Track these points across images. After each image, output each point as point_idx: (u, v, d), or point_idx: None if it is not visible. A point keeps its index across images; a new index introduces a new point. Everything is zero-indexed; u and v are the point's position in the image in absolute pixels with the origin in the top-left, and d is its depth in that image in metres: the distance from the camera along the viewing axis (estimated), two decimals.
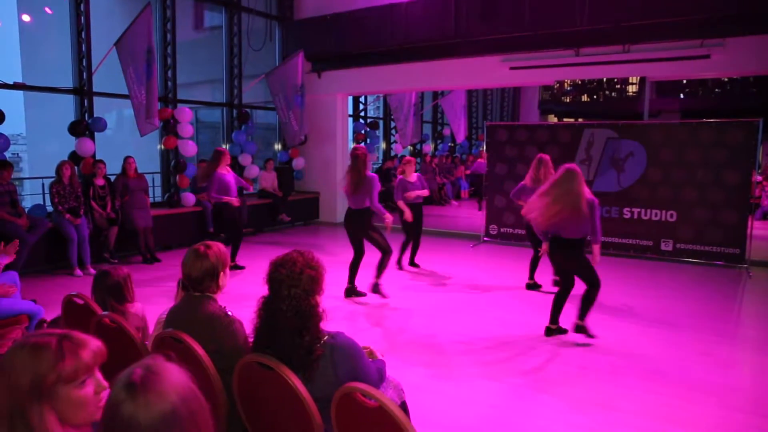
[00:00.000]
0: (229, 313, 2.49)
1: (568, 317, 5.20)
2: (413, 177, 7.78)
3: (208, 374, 2.23)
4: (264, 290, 2.24)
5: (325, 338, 2.17)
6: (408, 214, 7.23)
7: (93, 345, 1.42)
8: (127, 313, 3.07)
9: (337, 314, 5.76)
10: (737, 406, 3.89)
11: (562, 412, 3.76)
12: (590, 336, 4.99)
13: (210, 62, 11.88)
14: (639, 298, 6.53)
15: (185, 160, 9.88)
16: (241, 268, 7.64)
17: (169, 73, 9.91)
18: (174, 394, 1.18)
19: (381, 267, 6.32)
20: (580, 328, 5.01)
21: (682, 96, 22.30)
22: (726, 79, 20.73)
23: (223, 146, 10.67)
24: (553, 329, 5.22)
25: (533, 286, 6.92)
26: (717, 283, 7.31)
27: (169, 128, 9.64)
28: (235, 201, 7.66)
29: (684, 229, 8.44)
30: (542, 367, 4.55)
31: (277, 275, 2.17)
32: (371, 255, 6.46)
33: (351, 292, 6.46)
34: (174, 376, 1.22)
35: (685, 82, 21.77)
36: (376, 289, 6.34)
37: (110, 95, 9.23)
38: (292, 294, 2.13)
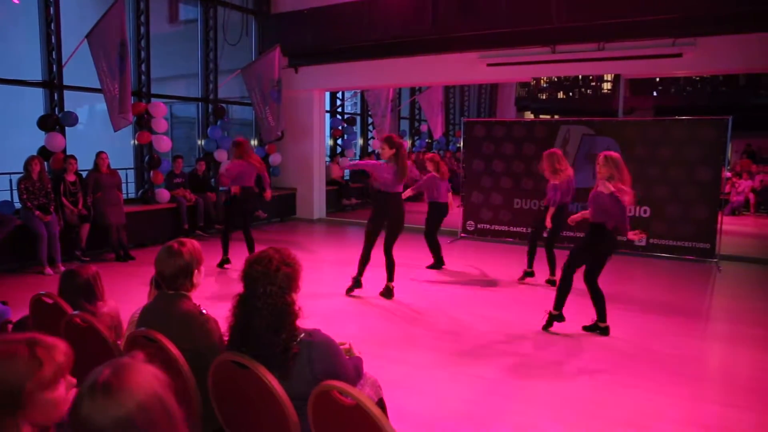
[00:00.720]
0: (204, 311, 2.45)
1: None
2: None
3: (183, 374, 2.20)
4: (239, 287, 2.21)
5: (302, 336, 2.15)
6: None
7: (62, 345, 1.39)
8: (99, 312, 3.01)
9: (315, 310, 5.72)
10: (709, 397, 3.97)
11: (541, 406, 3.79)
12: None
13: (185, 56, 11.70)
14: (613, 292, 6.61)
15: (159, 156, 9.72)
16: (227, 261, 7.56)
17: (143, 66, 9.73)
18: (133, 401, 1.16)
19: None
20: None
21: (655, 94, 22.68)
22: (697, 78, 21.12)
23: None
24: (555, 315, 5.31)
25: (530, 274, 7.13)
26: (688, 277, 7.46)
27: (143, 123, 9.47)
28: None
29: (657, 224, 8.58)
30: (519, 362, 4.58)
31: (253, 273, 2.13)
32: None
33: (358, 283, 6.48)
34: (141, 381, 1.19)
35: (658, 80, 22.13)
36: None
37: (82, 89, 9.03)
38: (267, 292, 2.10)
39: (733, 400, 3.94)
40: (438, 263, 7.91)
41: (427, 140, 18.29)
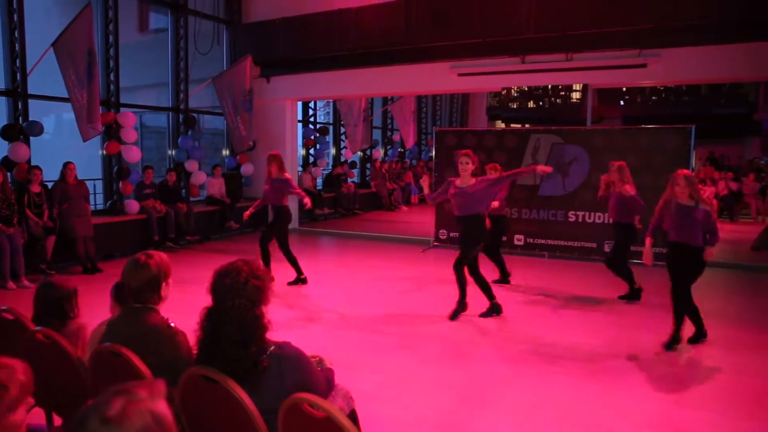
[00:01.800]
0: (172, 324, 2.40)
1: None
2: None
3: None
4: (208, 300, 2.18)
5: (272, 349, 2.12)
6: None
7: (20, 365, 1.35)
8: (68, 329, 2.92)
9: (287, 322, 5.68)
10: (679, 400, 4.04)
11: (515, 412, 3.81)
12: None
13: (155, 65, 11.57)
14: (584, 298, 6.71)
15: (129, 166, 9.57)
16: (304, 281, 7.22)
17: (112, 76, 9.60)
18: None
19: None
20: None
21: (622, 103, 23.21)
22: (662, 88, 21.68)
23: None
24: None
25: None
26: (656, 281, 7.57)
27: (112, 133, 9.32)
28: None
29: None
30: (492, 369, 4.61)
31: (221, 285, 2.10)
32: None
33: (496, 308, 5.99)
34: (148, 420, 1.11)
35: (624, 89, 22.66)
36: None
37: (47, 98, 8.86)
38: (236, 305, 2.07)
39: (704, 403, 4.01)
40: (504, 277, 7.47)
41: (399, 149, 18.37)
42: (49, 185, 8.08)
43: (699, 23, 8.15)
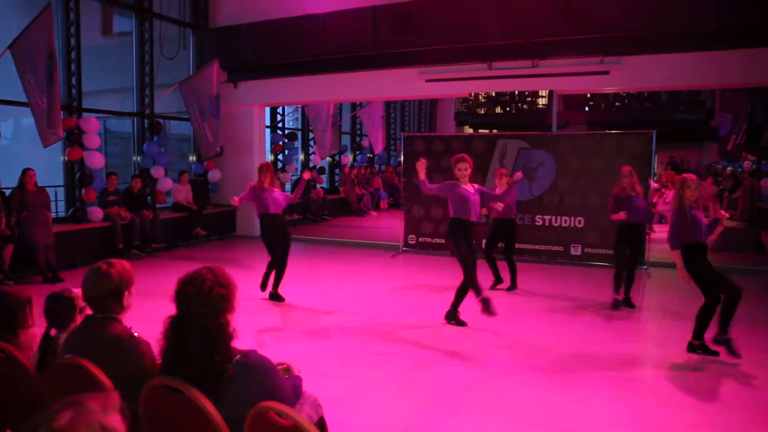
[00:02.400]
0: (136, 334, 2.35)
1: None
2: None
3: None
4: (174, 309, 2.14)
5: (237, 357, 2.09)
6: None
7: None
8: (18, 340, 2.83)
9: (257, 330, 5.62)
10: (640, 399, 4.12)
11: (486, 415, 3.84)
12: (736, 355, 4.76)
13: (119, 70, 11.36)
14: (551, 301, 6.81)
15: (92, 173, 9.35)
16: (281, 299, 6.78)
17: (74, 80, 9.38)
18: None
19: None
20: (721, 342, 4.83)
21: (587, 109, 23.67)
22: (625, 94, 22.19)
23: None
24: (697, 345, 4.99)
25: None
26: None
27: (74, 139, 9.10)
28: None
29: (591, 234, 8.91)
30: (461, 373, 4.63)
31: (185, 293, 2.07)
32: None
33: (453, 316, 5.91)
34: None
35: (589, 96, 23.12)
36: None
37: (5, 102, 8.60)
38: (200, 313, 2.04)
39: (667, 400, 4.11)
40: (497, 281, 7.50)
41: (368, 155, 18.39)
42: (7, 192, 7.83)
43: (657, 33, 8.41)
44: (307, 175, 9.38)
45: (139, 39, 10.81)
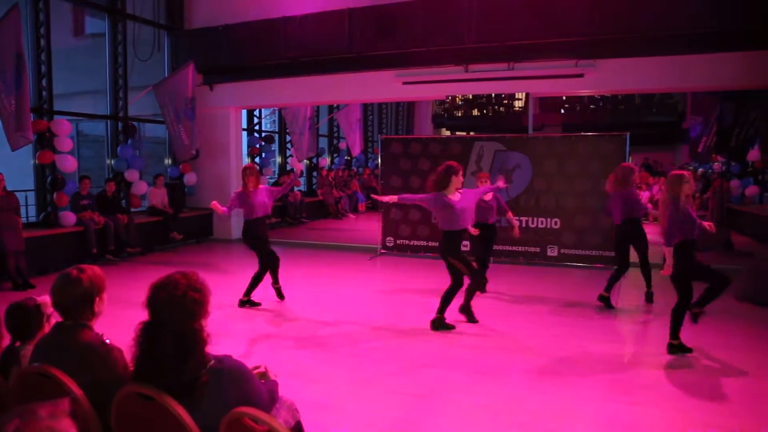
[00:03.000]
0: (107, 341, 2.31)
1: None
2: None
3: (83, 411, 2.05)
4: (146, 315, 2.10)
5: (211, 363, 2.06)
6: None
7: None
8: None
9: (235, 334, 5.55)
10: (617, 398, 4.17)
11: (464, 417, 3.85)
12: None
13: (93, 72, 11.15)
14: (531, 302, 6.86)
15: (64, 177, 9.18)
16: (257, 304, 6.70)
17: (44, 81, 9.19)
18: None
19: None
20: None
21: (562, 111, 23.98)
22: (599, 97, 22.53)
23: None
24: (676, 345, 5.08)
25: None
26: (597, 283, 7.82)
27: (45, 142, 8.93)
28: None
29: (567, 235, 9.01)
30: (441, 375, 4.63)
31: (157, 299, 2.03)
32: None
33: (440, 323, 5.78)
34: None
35: (564, 98, 23.43)
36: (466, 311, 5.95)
37: None
38: (173, 319, 2.00)
39: (638, 398, 4.16)
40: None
41: (346, 157, 18.37)
42: None
43: (630, 37, 8.56)
44: (299, 167, 9.14)
45: (112, 40, 10.64)
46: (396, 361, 4.96)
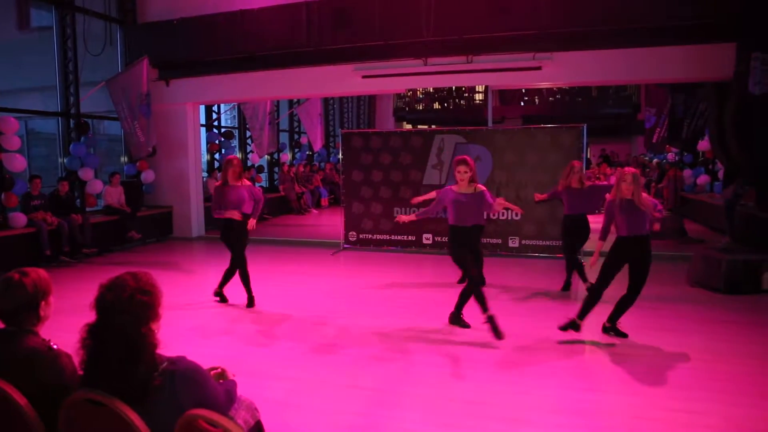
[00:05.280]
0: (55, 346, 2.22)
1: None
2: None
3: (28, 420, 1.97)
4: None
5: (164, 365, 2.00)
6: None
7: None
8: None
9: (192, 333, 5.45)
10: (576, 385, 4.26)
11: (425, 408, 3.86)
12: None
13: (40, 67, 10.76)
14: (493, 293, 6.93)
15: (13, 176, 8.83)
16: (225, 301, 6.63)
17: None
18: None
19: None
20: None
21: (522, 104, 24.28)
22: (557, 89, 22.90)
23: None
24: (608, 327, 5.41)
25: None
26: (558, 273, 7.98)
27: None
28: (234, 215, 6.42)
29: (528, 226, 9.14)
30: (402, 368, 4.65)
31: (104, 301, 1.96)
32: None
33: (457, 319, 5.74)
34: None
35: (524, 91, 23.72)
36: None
37: None
38: (120, 321, 1.94)
39: (599, 386, 4.26)
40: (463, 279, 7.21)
41: (307, 152, 18.23)
42: None
43: (586, 30, 8.73)
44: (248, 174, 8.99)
45: (60, 34, 10.28)
46: (357, 355, 4.95)
